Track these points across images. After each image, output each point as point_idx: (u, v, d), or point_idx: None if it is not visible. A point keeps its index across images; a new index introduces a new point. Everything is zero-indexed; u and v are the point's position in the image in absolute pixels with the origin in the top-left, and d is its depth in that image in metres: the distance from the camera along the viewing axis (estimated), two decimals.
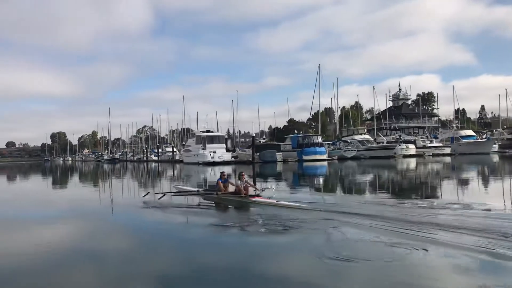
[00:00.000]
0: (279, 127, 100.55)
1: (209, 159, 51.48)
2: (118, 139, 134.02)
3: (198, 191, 14.14)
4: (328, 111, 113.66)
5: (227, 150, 56.06)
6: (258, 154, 50.75)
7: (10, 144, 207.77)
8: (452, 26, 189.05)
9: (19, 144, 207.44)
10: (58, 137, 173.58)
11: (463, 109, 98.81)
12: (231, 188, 12.96)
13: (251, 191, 12.39)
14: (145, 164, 73.17)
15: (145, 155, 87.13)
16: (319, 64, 59.32)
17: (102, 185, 28.15)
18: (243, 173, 12.91)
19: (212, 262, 6.18)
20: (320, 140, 53.90)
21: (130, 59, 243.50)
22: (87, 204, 15.29)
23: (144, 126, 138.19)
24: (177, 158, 72.25)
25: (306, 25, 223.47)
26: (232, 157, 54.49)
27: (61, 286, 5.46)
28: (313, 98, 61.18)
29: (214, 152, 52.53)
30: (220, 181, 13.16)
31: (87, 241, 8.19)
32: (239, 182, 12.53)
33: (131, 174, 42.60)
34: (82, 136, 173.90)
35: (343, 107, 73.20)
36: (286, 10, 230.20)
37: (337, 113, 66.18)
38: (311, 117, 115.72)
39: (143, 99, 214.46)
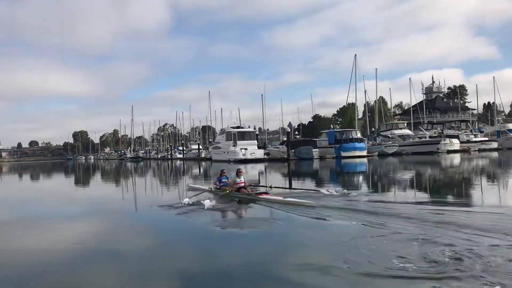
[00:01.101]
0: (303, 123, 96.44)
1: (240, 156, 47.88)
2: (139, 137, 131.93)
3: (210, 189, 14.30)
4: (352, 107, 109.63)
5: (258, 147, 52.42)
6: (293, 150, 46.94)
7: (33, 143, 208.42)
8: (474, 19, 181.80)
9: (42, 143, 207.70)
10: (80, 136, 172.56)
11: (493, 103, 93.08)
12: (233, 185, 13.30)
13: (258, 188, 13.51)
14: (169, 162, 70.61)
15: (169, 153, 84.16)
16: (355, 55, 54.86)
17: (125, 184, 26.76)
18: (241, 170, 13.77)
19: (230, 260, 6.13)
20: (359, 135, 49.63)
21: (148, 58, 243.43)
22: (109, 203, 15.23)
23: (165, 124, 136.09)
24: (202, 155, 69.41)
25: (323, 21, 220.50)
26: (264, 154, 50.75)
27: (84, 283, 5.40)
28: (348, 92, 56.94)
29: (245, 149, 48.97)
30: (221, 178, 13.61)
31: (108, 240, 8.14)
32: (237, 178, 13.16)
33: (156, 172, 39.90)
34: (103, 135, 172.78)
35: (367, 102, 68.30)
36: (303, 7, 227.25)
37: (376, 107, 61.23)
38: (336, 112, 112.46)
39: (162, 97, 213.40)
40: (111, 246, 7.41)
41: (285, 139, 73.53)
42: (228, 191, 13.04)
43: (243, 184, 13.05)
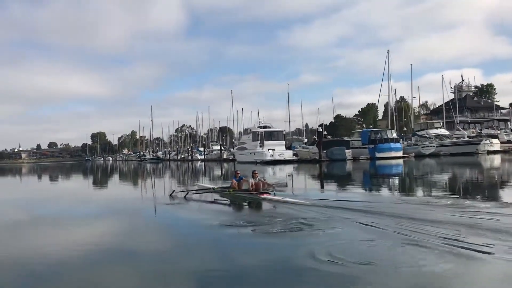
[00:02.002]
0: (325, 123, 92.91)
1: (268, 157, 44.96)
2: (157, 138, 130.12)
3: (213, 188, 14.67)
4: (371, 107, 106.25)
5: (286, 147, 49.48)
6: (324, 151, 43.87)
7: (52, 144, 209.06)
8: (494, 17, 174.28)
9: (60, 145, 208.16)
10: (99, 137, 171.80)
11: None
12: (245, 185, 13.41)
13: (264, 188, 13.02)
14: (189, 163, 68.34)
15: (189, 154, 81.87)
16: (388, 50, 51.36)
17: (144, 185, 26.11)
18: (256, 172, 13.55)
19: (244, 260, 6.09)
20: (394, 135, 46.17)
21: (165, 59, 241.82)
22: (125, 203, 14.85)
23: (183, 125, 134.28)
24: (224, 156, 67.06)
25: (340, 21, 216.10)
26: (292, 155, 47.77)
27: (101, 283, 5.32)
28: (380, 89, 53.50)
29: (273, 149, 46.07)
30: (234, 179, 13.69)
31: (124, 240, 8.03)
32: (251, 179, 13.07)
33: (175, 174, 38.07)
34: (121, 136, 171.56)
35: (387, 102, 64.53)
36: (319, 6, 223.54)
37: (412, 105, 57.29)
38: (358, 112, 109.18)
39: (178, 99, 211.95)
40: (127, 246, 7.37)
41: (306, 140, 71.10)
42: (229, 191, 13.45)
43: (255, 185, 13.08)
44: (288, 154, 46.56)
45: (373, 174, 27.73)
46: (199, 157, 77.29)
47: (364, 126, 70.14)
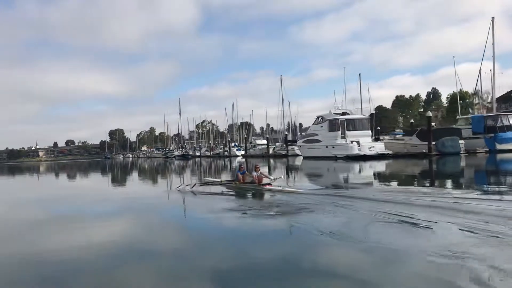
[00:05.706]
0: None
1: (355, 151, 33.48)
2: (177, 135, 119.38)
3: (221, 181, 14.97)
4: (412, 98, 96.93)
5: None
6: (434, 143, 32.58)
7: (69, 142, 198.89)
8: (510, 9, 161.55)
9: (78, 142, 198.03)
10: (117, 134, 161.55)
11: None
12: (248, 179, 13.74)
13: (265, 180, 13.39)
14: (225, 160, 57.49)
15: (225, 150, 70.70)
16: (493, 18, 39.45)
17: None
18: (258, 166, 14.08)
19: (261, 254, 5.80)
20: None
21: (178, 57, 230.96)
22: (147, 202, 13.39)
23: (203, 121, 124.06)
24: (270, 152, 56.16)
25: (352, 15, 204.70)
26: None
27: (118, 281, 5.03)
28: (480, 65, 41.73)
29: (357, 141, 34.73)
30: (239, 173, 14.12)
31: (141, 238, 7.55)
32: (254, 173, 13.52)
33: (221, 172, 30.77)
34: (140, 133, 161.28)
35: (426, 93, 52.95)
36: (332, 1, 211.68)
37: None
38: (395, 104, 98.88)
39: (192, 96, 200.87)
40: (144, 244, 6.89)
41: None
42: (235, 183, 13.75)
43: (257, 178, 13.25)
44: (380, 147, 34.90)
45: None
46: (238, 153, 66.16)
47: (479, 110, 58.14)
